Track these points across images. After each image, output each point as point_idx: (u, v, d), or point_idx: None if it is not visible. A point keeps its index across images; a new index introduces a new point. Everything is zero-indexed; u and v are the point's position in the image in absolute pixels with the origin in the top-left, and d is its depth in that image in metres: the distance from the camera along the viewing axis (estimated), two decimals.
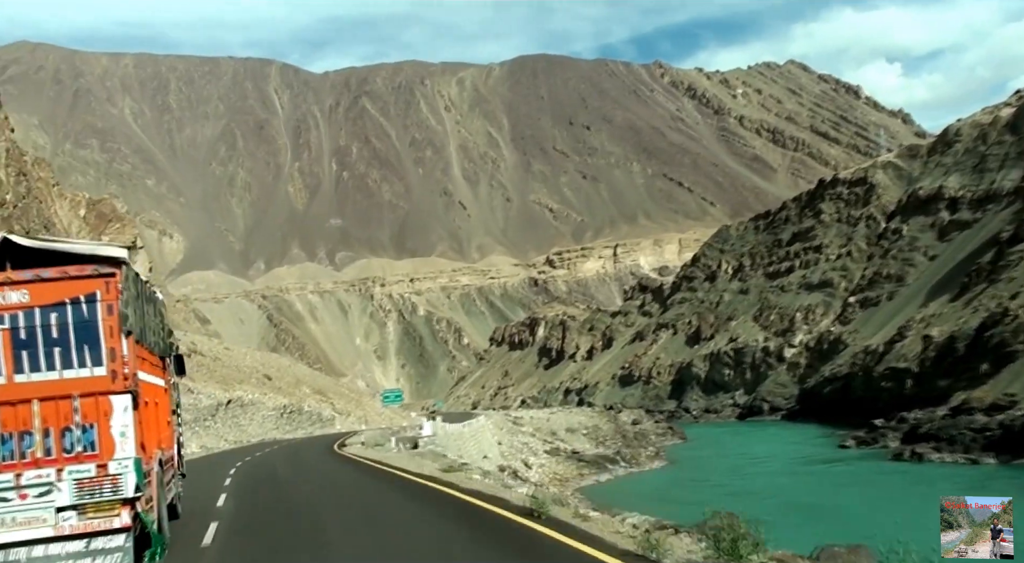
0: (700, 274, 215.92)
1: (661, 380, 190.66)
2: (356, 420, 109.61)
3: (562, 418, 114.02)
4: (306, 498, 29.96)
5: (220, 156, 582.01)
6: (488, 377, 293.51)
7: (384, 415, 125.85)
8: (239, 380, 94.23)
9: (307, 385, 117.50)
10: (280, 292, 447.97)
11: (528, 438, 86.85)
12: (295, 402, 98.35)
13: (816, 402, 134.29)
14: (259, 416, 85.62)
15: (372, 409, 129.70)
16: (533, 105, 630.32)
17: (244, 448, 69.40)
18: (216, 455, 64.20)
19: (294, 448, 64.44)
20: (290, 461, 50.91)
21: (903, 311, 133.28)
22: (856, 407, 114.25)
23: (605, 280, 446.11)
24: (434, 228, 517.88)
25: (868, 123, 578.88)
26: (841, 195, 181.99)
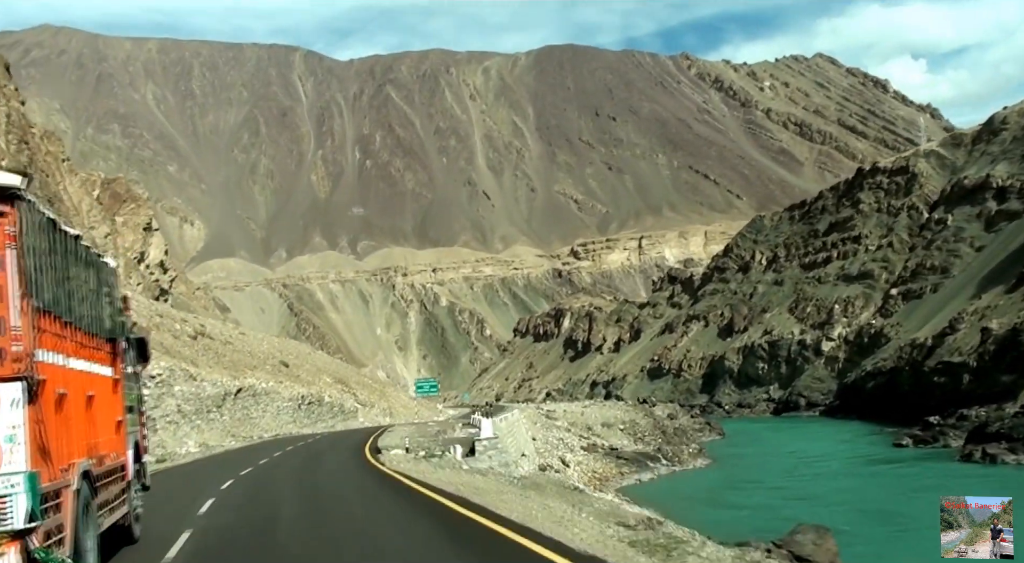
0: (733, 265, 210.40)
1: (692, 373, 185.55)
2: (380, 412, 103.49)
3: (596, 412, 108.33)
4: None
5: (243, 143, 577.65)
6: (512, 369, 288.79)
7: (410, 408, 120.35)
8: (252, 366, 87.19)
9: (328, 374, 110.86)
10: (301, 281, 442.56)
11: (563, 433, 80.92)
12: (315, 392, 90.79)
13: (858, 398, 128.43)
14: (273, 407, 77.26)
15: (397, 401, 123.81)
16: (559, 95, 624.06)
17: (250, 448, 57.48)
18: (211, 459, 49.73)
19: (313, 453, 49.26)
20: (306, 482, 33.02)
21: (951, 304, 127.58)
22: (903, 403, 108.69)
23: (630, 272, 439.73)
24: (457, 218, 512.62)
25: (896, 117, 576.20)
26: (881, 184, 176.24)
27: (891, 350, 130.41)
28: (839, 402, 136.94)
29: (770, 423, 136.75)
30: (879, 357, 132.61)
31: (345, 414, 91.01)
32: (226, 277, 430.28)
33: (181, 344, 77.29)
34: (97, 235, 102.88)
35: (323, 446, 56.21)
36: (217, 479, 33.39)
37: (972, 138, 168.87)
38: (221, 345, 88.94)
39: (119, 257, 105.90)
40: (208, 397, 66.03)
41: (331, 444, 58.17)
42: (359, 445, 53.30)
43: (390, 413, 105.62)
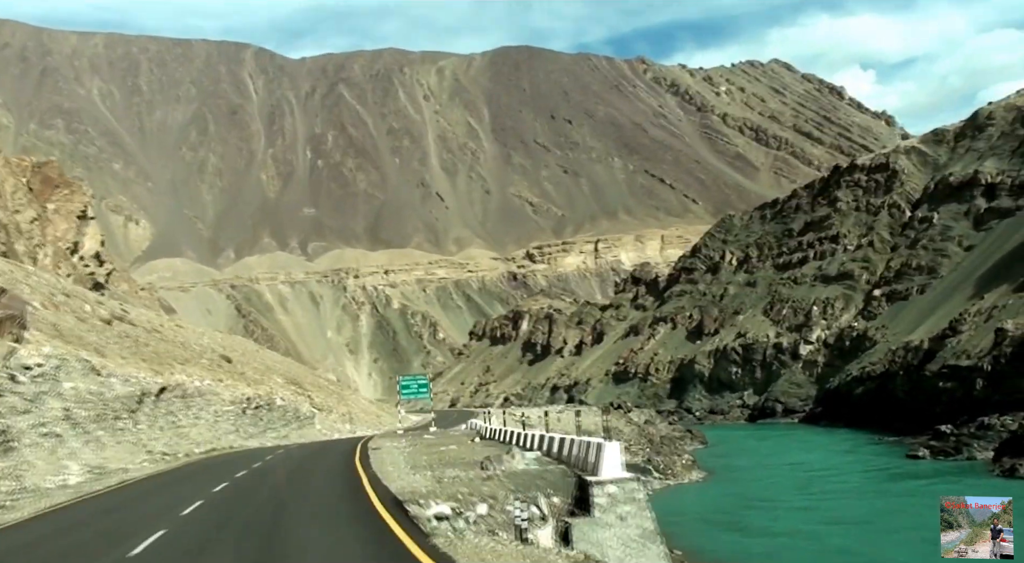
0: (701, 265, 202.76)
1: (660, 378, 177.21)
2: (339, 418, 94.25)
3: (572, 418, 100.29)
4: None
5: (191, 141, 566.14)
6: (468, 373, 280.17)
7: (370, 413, 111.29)
8: (183, 360, 70.49)
9: (279, 374, 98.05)
10: (250, 282, 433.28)
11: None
12: (263, 394, 76.60)
13: (843, 404, 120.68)
14: (209, 413, 61.14)
15: (356, 405, 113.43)
16: (514, 97, 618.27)
17: (170, 472, 40.96)
18: (67, 513, 28.07)
19: (267, 497, 30.33)
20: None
21: (944, 305, 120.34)
22: (899, 410, 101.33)
23: (586, 275, 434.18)
24: (410, 219, 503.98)
25: (852, 124, 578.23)
26: (859, 182, 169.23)
27: (880, 353, 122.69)
28: (821, 409, 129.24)
29: (749, 431, 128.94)
30: (866, 361, 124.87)
31: (300, 421, 79.42)
32: (172, 277, 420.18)
33: (86, 328, 59.27)
34: (21, 220, 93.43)
35: (282, 476, 37.06)
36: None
37: (955, 134, 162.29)
38: (144, 333, 73.02)
39: (46, 245, 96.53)
40: (117, 398, 47.11)
41: (298, 474, 37.78)
42: (351, 484, 32.20)
43: (350, 419, 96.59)
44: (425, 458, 40.57)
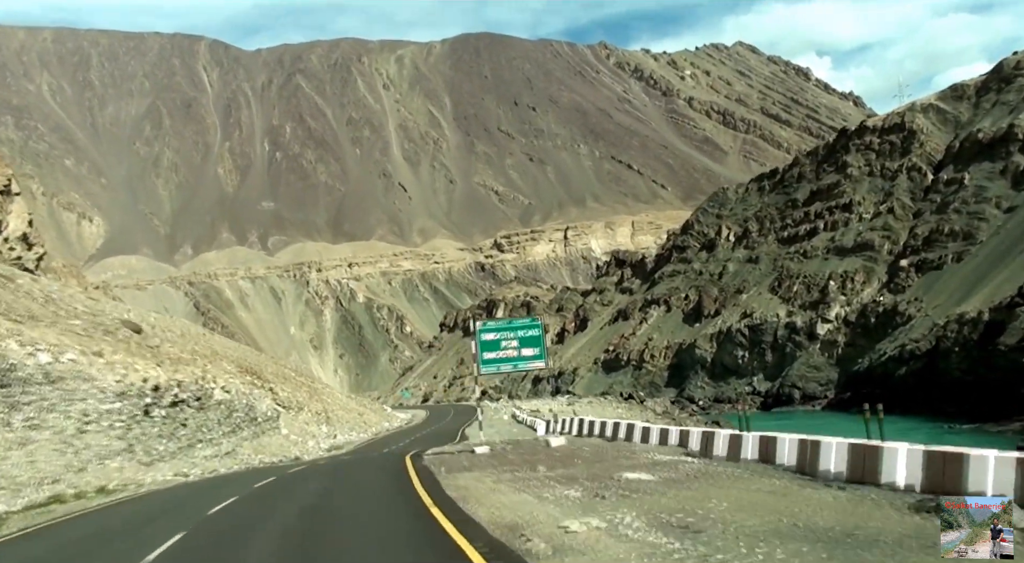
0: (694, 243, 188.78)
1: (656, 364, 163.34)
2: (313, 419, 75.62)
3: (588, 409, 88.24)
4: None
5: (145, 135, 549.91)
6: (440, 366, 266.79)
7: (351, 410, 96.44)
8: (32, 318, 48.85)
9: (231, 360, 76.91)
10: (208, 278, 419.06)
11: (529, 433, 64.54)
12: (191, 380, 51.70)
13: (878, 387, 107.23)
14: (73, 414, 38.23)
15: (334, 401, 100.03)
16: (476, 84, 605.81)
17: None
18: None
19: None
20: None
21: (997, 271, 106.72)
22: (960, 392, 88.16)
23: (556, 264, 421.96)
24: (373, 211, 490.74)
25: (819, 105, 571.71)
26: (871, 145, 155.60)
27: (922, 329, 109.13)
28: (850, 393, 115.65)
29: (775, 420, 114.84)
30: (903, 338, 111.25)
31: (256, 425, 56.36)
32: (127, 275, 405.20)
33: None
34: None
35: None
36: None
37: (976, 89, 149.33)
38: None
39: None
40: None
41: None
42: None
43: (327, 419, 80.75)
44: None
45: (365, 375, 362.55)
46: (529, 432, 67.70)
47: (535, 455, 35.12)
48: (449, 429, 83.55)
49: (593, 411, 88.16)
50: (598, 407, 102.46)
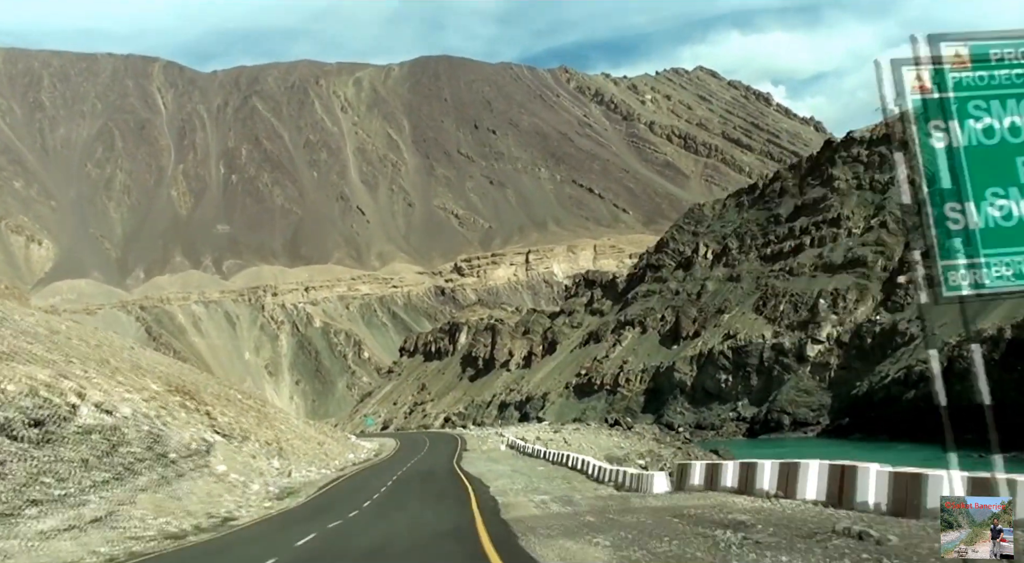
0: (670, 261, 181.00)
1: (631, 389, 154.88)
2: (262, 451, 60.05)
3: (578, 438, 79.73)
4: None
5: (97, 157, 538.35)
6: (400, 392, 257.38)
7: (311, 440, 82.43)
8: None
9: (156, 377, 59.23)
10: (160, 302, 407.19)
11: (573, 476, 51.27)
12: (29, 393, 34.66)
13: (881, 412, 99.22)
14: None
15: (290, 429, 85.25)
16: (435, 107, 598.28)
17: None
18: None
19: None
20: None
21: None
22: (977, 416, 79.80)
23: (517, 288, 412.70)
24: (330, 234, 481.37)
25: (781, 130, 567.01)
26: (859, 157, 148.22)
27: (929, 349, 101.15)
28: (848, 419, 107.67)
29: (767, 448, 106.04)
30: (907, 360, 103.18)
31: (168, 465, 39.39)
32: (76, 299, 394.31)
33: None
34: None
35: None
36: None
37: None
38: None
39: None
40: None
41: None
42: None
43: (279, 451, 65.18)
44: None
45: (322, 402, 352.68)
46: (566, 473, 53.87)
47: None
48: (438, 464, 71.00)
49: (585, 440, 79.30)
50: (589, 435, 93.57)
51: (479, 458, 74.90)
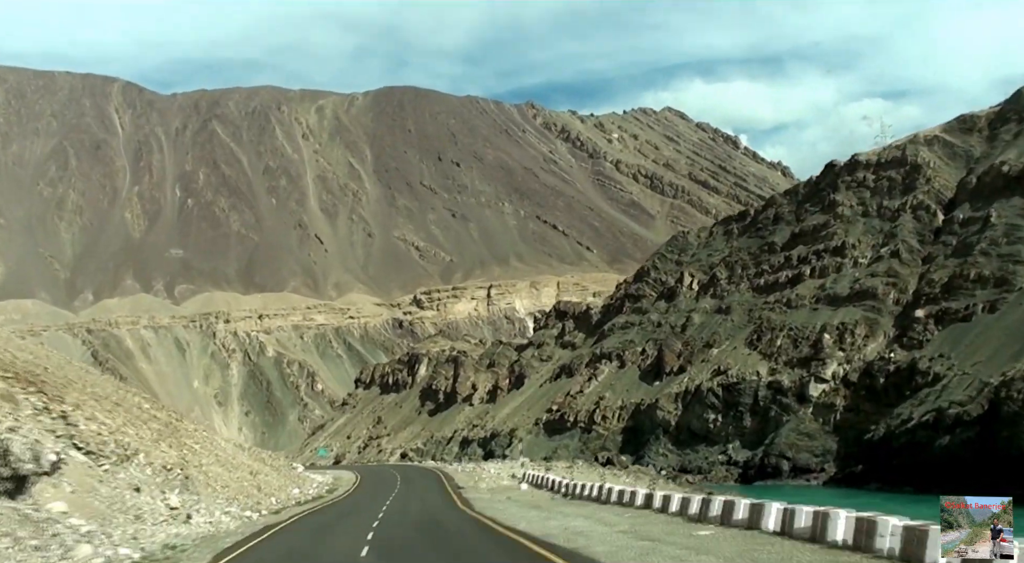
0: (650, 292, 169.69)
1: (608, 427, 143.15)
2: (156, 476, 44.70)
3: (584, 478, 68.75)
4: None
5: (49, 176, 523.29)
6: (354, 425, 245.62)
7: (240, 468, 63.78)
8: None
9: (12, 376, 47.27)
10: (109, 326, 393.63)
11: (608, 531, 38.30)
12: None
13: (906, 461, 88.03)
14: None
15: (211, 451, 67.24)
16: (399, 137, 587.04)
17: None
18: None
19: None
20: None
21: None
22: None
23: (478, 323, 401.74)
24: (287, 262, 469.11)
25: (748, 174, 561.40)
26: (864, 182, 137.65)
27: (965, 390, 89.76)
28: (862, 466, 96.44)
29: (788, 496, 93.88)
30: (934, 402, 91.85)
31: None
32: (21, 320, 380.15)
33: None
34: None
35: None
36: None
37: (989, 120, 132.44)
38: None
39: None
40: None
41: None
42: None
43: (185, 479, 48.27)
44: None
45: (272, 434, 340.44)
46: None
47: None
48: (427, 510, 54.61)
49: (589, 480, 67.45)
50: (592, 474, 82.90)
51: (499, 503, 58.97)
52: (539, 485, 74.97)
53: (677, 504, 42.96)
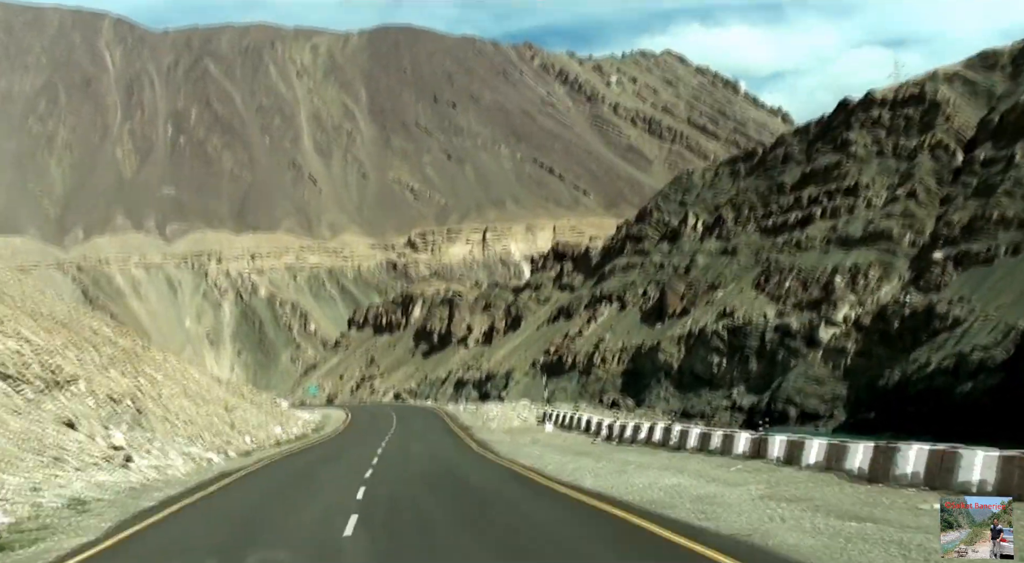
0: (653, 233, 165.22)
1: (607, 370, 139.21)
2: (94, 411, 38.20)
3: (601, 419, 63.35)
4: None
5: (39, 112, 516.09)
6: (347, 366, 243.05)
7: (213, 402, 61.07)
8: None
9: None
10: (99, 264, 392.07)
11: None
12: None
13: (922, 408, 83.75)
14: None
15: (178, 381, 60.33)
16: (394, 78, 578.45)
17: None
18: None
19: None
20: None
21: None
22: None
23: (472, 266, 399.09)
24: (280, 202, 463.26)
25: (748, 120, 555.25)
26: (880, 120, 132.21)
27: (989, 335, 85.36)
28: (875, 413, 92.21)
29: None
30: (964, 346, 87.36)
31: None
32: (10, 256, 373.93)
33: None
34: None
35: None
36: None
37: (1012, 56, 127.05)
38: None
39: None
40: None
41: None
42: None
43: (136, 414, 41.90)
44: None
45: (264, 374, 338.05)
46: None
47: None
48: (436, 455, 47.52)
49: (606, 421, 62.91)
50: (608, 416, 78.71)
51: (526, 446, 49.99)
52: (567, 426, 68.57)
53: (817, 453, 32.93)
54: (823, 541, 18.43)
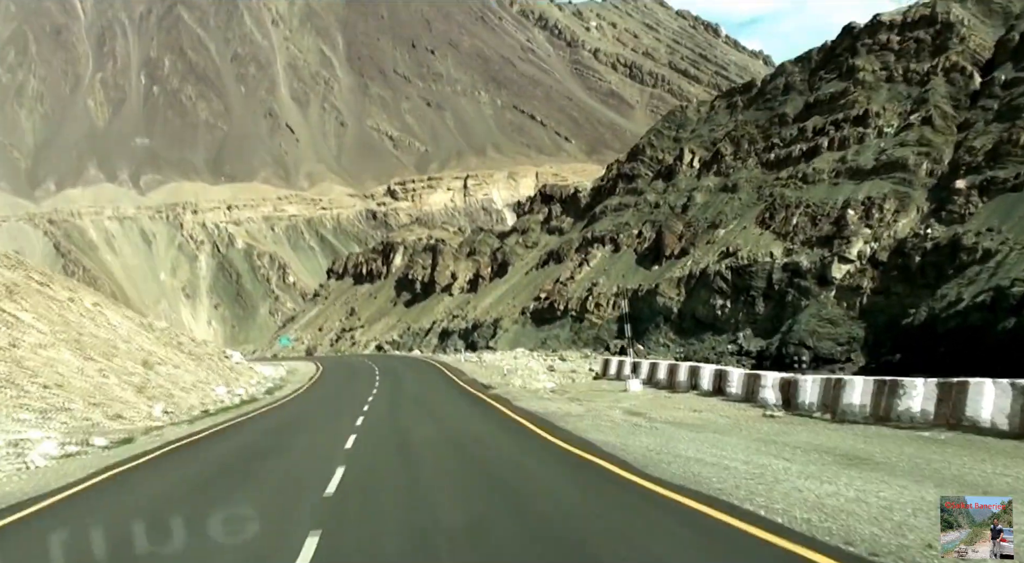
0: (646, 171, 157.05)
1: (602, 315, 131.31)
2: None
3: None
4: None
5: (8, 62, 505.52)
6: (327, 317, 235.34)
7: (131, 355, 48.05)
8: None
9: None
10: (71, 217, 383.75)
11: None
12: None
13: (956, 347, 76.39)
14: None
15: (103, 341, 48.58)
16: (371, 24, 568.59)
17: None
18: None
19: None
20: None
21: None
22: None
23: (454, 214, 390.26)
24: (257, 152, 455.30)
25: (729, 62, 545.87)
26: (888, 44, 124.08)
27: (1020, 267, 77.94)
28: (900, 355, 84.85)
29: None
30: (999, 280, 79.91)
31: None
32: None
33: None
34: None
35: None
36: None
37: None
38: None
39: None
40: None
41: None
42: None
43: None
44: None
45: (242, 327, 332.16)
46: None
47: None
48: (476, 454, 24.52)
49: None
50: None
51: (639, 427, 28.97)
52: (660, 384, 49.28)
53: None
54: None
